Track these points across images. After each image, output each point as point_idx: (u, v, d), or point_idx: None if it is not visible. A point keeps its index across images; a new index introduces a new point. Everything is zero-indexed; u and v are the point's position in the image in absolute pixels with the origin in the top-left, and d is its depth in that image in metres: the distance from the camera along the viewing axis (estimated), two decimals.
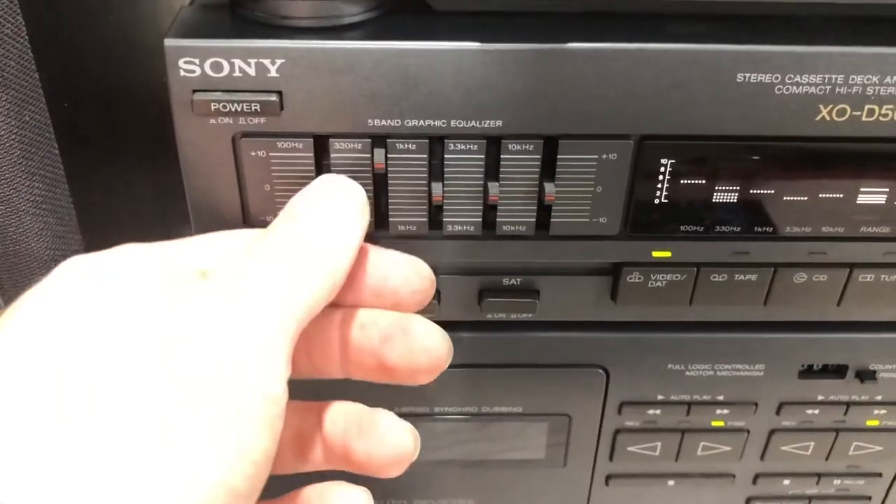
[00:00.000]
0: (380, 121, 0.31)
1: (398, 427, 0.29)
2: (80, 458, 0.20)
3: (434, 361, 0.29)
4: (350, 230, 0.28)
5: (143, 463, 0.20)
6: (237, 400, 0.22)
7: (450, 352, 0.29)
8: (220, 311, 0.24)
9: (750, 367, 0.39)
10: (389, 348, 0.29)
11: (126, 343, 0.22)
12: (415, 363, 0.29)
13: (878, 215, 0.34)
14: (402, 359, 0.29)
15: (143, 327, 0.23)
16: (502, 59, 0.30)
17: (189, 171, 0.32)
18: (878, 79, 0.31)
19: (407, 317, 0.29)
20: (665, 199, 0.33)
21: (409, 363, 0.29)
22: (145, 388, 0.22)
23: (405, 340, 0.29)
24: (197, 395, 0.22)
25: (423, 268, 0.30)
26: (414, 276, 0.30)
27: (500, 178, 0.32)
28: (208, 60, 0.29)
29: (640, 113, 0.31)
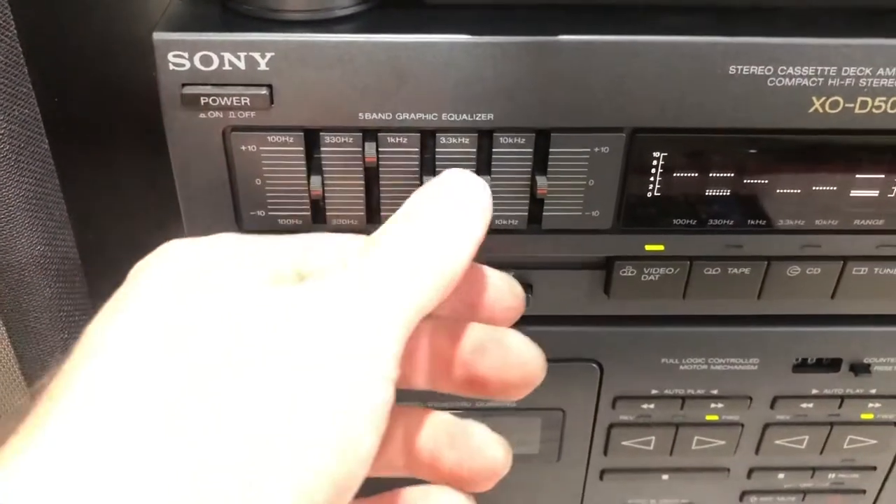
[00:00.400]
0: (371, 114, 0.31)
1: (491, 439, 0.28)
2: (197, 454, 0.20)
3: (528, 376, 0.28)
4: (469, 234, 0.26)
5: (255, 454, 0.20)
6: (348, 401, 0.22)
7: (543, 369, 0.28)
8: (332, 311, 0.23)
9: (744, 361, 0.39)
10: (481, 359, 0.28)
11: (236, 340, 0.22)
12: (507, 376, 0.28)
13: (872, 208, 0.34)
14: (495, 371, 0.28)
15: (252, 327, 0.22)
16: (493, 52, 0.30)
17: (179, 165, 0.32)
18: (871, 71, 0.30)
19: (501, 329, 0.28)
20: (657, 192, 0.33)
21: (501, 376, 0.28)
22: (257, 386, 0.21)
23: (499, 352, 0.28)
24: (310, 394, 0.21)
25: (515, 285, 0.30)
26: (508, 293, 0.30)
27: (492, 172, 0.32)
28: (198, 54, 0.29)
29: (632, 106, 0.31)
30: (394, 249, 0.25)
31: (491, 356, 0.28)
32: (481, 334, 0.28)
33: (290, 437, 0.21)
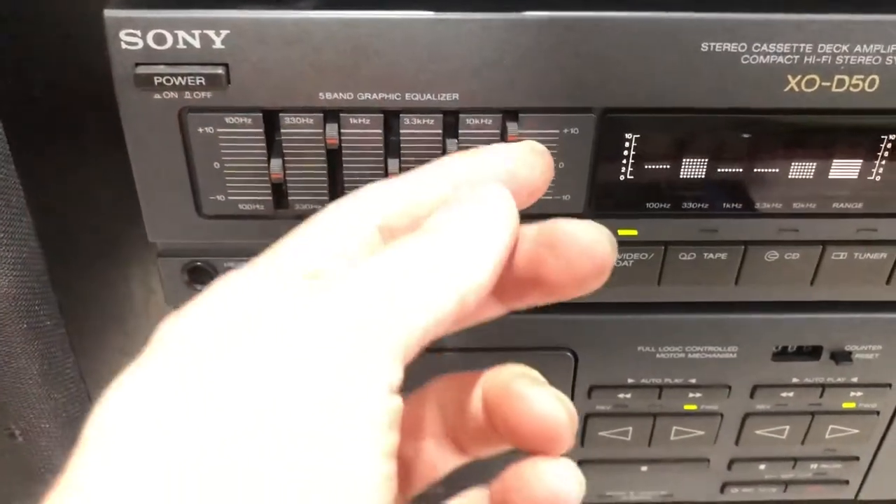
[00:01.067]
0: (332, 94, 0.30)
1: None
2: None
3: (598, 262, 0.24)
4: (490, 257, 0.23)
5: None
6: (346, 423, 0.19)
7: (613, 244, 0.24)
8: (333, 321, 0.20)
9: (722, 349, 0.38)
10: (546, 268, 0.24)
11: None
12: (579, 271, 0.24)
13: (851, 190, 0.33)
14: (565, 273, 0.24)
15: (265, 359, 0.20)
16: (457, 29, 0.29)
17: (135, 149, 0.31)
18: (848, 47, 0.29)
19: (549, 225, 0.25)
20: (630, 175, 0.32)
21: (573, 274, 0.24)
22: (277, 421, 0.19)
23: (557, 252, 0.24)
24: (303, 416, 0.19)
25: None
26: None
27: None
28: (150, 32, 0.28)
29: (602, 85, 0.30)
30: (402, 259, 0.22)
31: (551, 264, 0.24)
32: (529, 244, 0.25)
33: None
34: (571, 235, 0.24)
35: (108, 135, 0.33)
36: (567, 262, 0.24)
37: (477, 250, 0.23)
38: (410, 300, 0.21)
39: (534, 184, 0.26)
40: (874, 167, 0.32)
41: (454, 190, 0.24)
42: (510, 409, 0.25)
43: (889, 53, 0.30)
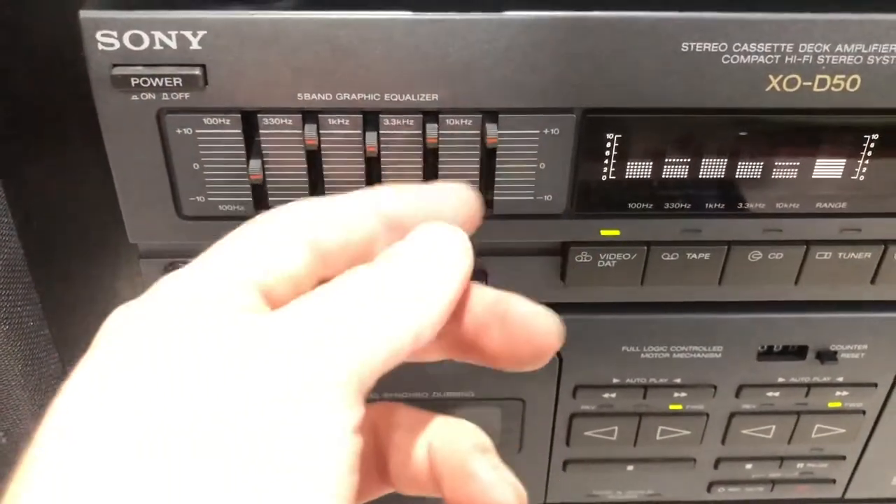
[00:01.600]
0: (310, 95, 0.29)
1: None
2: None
3: (539, 350, 0.25)
4: (447, 292, 0.23)
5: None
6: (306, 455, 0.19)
7: (559, 335, 0.25)
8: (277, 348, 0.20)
9: (707, 349, 0.38)
10: (488, 339, 0.25)
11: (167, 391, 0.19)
12: (517, 353, 0.25)
13: (835, 190, 0.33)
14: (503, 350, 0.25)
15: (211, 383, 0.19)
16: (435, 28, 0.28)
17: (114, 149, 0.31)
18: (830, 47, 0.29)
19: (506, 299, 0.25)
20: (611, 175, 0.32)
21: (510, 354, 0.25)
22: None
23: (504, 329, 0.25)
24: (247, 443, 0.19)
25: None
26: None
27: (440, 155, 0.31)
28: (127, 33, 0.28)
29: (582, 85, 0.30)
30: (359, 297, 0.22)
31: (495, 335, 0.25)
32: (482, 310, 0.25)
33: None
34: (521, 318, 0.24)
35: (88, 136, 0.33)
36: (510, 340, 0.24)
37: (435, 285, 0.23)
38: (367, 332, 0.21)
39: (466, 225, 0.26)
40: (857, 167, 0.32)
41: (384, 222, 0.24)
42: (462, 486, 0.24)
43: (870, 53, 0.29)
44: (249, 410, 0.19)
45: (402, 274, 0.23)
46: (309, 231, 0.24)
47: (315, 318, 0.21)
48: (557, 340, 0.25)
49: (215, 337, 0.20)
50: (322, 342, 0.20)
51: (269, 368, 0.19)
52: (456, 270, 0.24)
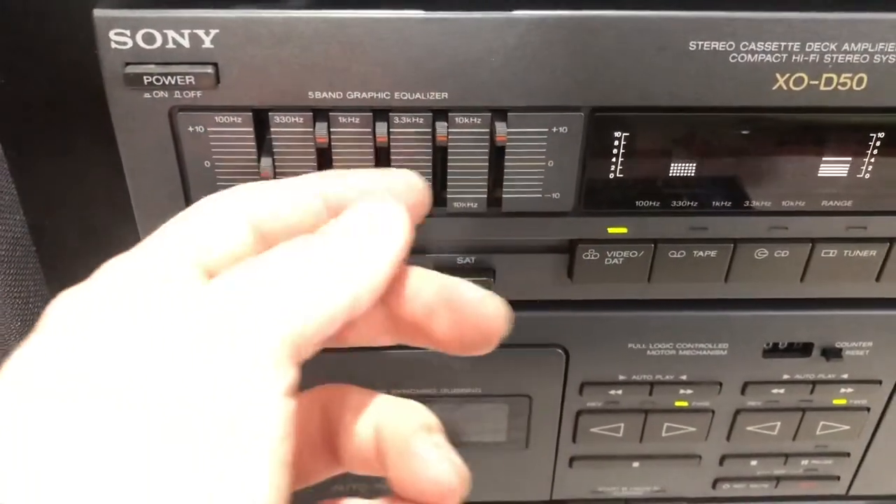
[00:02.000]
0: (321, 93, 0.30)
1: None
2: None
3: (486, 334, 0.25)
4: (384, 259, 0.24)
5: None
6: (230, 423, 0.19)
7: (506, 320, 0.25)
8: (213, 316, 0.21)
9: (713, 346, 0.38)
10: (437, 324, 0.25)
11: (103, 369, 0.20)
12: (465, 338, 0.25)
13: (840, 188, 0.33)
14: (451, 334, 0.25)
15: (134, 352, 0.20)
16: (446, 27, 0.29)
17: (126, 147, 0.31)
18: (836, 46, 0.30)
19: (453, 285, 0.25)
20: (619, 173, 0.32)
21: (458, 338, 0.25)
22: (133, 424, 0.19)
23: (452, 314, 0.25)
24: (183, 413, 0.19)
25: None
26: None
27: (449, 153, 0.31)
28: (140, 31, 0.28)
29: (590, 84, 0.30)
30: (292, 260, 0.23)
31: (442, 320, 0.25)
32: (431, 294, 0.25)
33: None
34: (468, 302, 0.25)
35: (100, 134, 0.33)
36: (458, 324, 0.25)
37: (371, 252, 0.24)
38: (299, 297, 0.21)
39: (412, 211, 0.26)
40: (863, 165, 0.32)
41: (329, 205, 0.25)
42: (405, 464, 0.25)
43: (877, 52, 0.30)
44: (182, 377, 0.19)
45: (337, 241, 0.23)
46: (251, 211, 0.24)
47: (247, 284, 0.21)
48: (503, 325, 0.25)
49: (155, 310, 0.21)
50: (252, 307, 0.21)
51: (201, 335, 0.20)
52: (393, 239, 0.24)
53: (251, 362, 0.20)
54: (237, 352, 0.20)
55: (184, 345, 0.20)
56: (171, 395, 0.19)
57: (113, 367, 0.19)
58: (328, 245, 0.23)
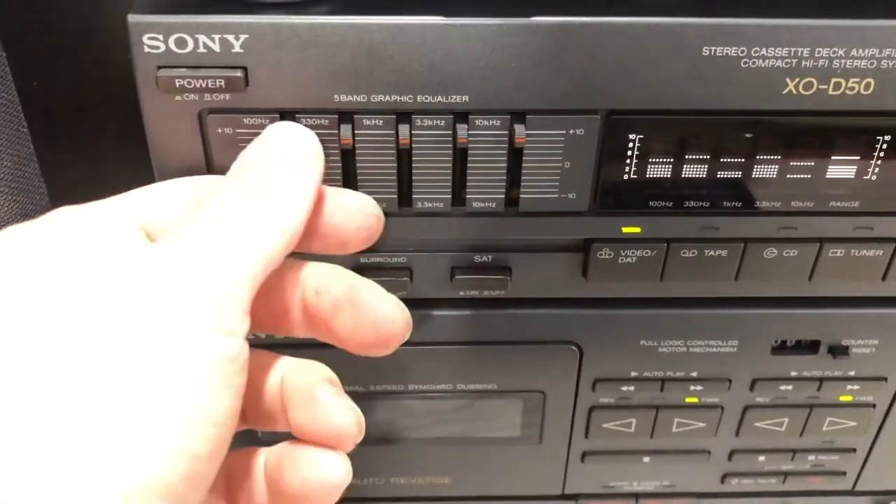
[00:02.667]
0: (346, 96, 0.31)
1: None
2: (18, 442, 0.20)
3: (383, 336, 0.27)
4: (306, 178, 0.27)
5: (86, 441, 0.20)
6: (182, 364, 0.22)
7: (406, 325, 0.27)
8: (169, 275, 0.23)
9: (723, 343, 0.39)
10: (339, 320, 0.27)
11: (43, 312, 0.22)
12: (362, 337, 0.27)
13: (848, 189, 0.34)
14: (351, 333, 0.27)
15: (67, 290, 0.22)
16: (466, 33, 0.30)
17: (156, 147, 0.32)
18: (845, 52, 0.30)
19: (359, 285, 0.27)
20: (633, 174, 0.33)
21: (356, 336, 0.27)
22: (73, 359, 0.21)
23: (353, 312, 0.27)
24: (136, 361, 0.21)
25: (368, 203, 0.30)
26: (357, 213, 0.29)
27: (469, 154, 0.32)
28: (172, 36, 0.29)
29: (606, 87, 0.31)
30: (228, 200, 0.26)
31: (346, 317, 0.27)
32: (339, 292, 0.27)
33: (122, 415, 0.21)
34: (367, 304, 0.27)
35: (130, 134, 0.35)
36: (357, 324, 0.27)
37: (294, 182, 0.27)
38: (243, 242, 0.24)
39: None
40: (870, 167, 0.33)
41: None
42: (307, 411, 0.27)
43: (884, 57, 0.31)
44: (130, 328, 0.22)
45: (259, 180, 0.26)
46: (190, 187, 0.29)
47: (191, 238, 0.24)
48: (401, 330, 0.27)
49: (101, 261, 0.23)
50: (203, 262, 0.23)
51: (149, 289, 0.23)
52: (310, 165, 0.28)
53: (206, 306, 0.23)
54: (193, 299, 0.23)
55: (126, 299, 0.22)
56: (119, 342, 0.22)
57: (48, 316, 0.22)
58: (250, 188, 0.26)
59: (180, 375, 0.22)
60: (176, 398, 0.22)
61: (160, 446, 0.21)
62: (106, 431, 0.20)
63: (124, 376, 0.21)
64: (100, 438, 0.20)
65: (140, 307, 0.22)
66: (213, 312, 0.23)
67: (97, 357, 0.21)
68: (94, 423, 0.20)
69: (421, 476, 0.44)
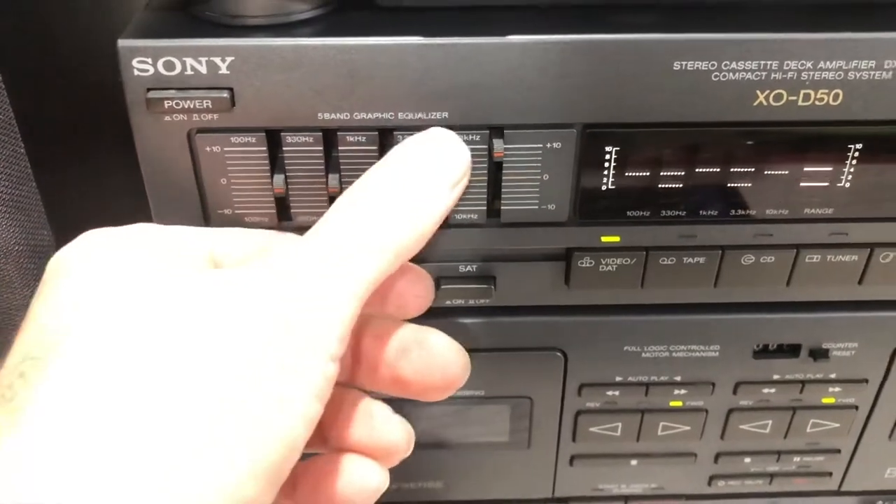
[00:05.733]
0: (329, 115, 0.32)
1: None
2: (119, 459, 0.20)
3: (449, 379, 0.29)
4: (444, 194, 0.28)
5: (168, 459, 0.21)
6: (285, 391, 0.23)
7: (466, 369, 0.29)
8: (273, 296, 0.24)
9: (705, 348, 0.40)
10: (405, 362, 0.29)
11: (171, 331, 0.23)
12: (429, 379, 0.29)
13: (822, 197, 0.35)
14: (417, 374, 0.29)
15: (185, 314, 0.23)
16: (444, 52, 0.31)
17: (148, 166, 0.33)
18: (812, 64, 0.31)
19: (425, 330, 0.29)
20: (611, 185, 0.34)
21: (423, 378, 0.29)
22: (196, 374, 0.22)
23: (421, 354, 0.29)
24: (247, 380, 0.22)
25: (424, 273, 0.31)
26: (418, 280, 0.31)
27: None
28: (161, 59, 0.30)
29: (581, 102, 0.32)
30: (334, 234, 0.26)
31: (414, 359, 0.29)
32: (405, 335, 0.29)
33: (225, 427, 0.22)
34: (437, 347, 0.29)
35: (122, 153, 0.36)
36: (424, 365, 0.29)
37: (429, 194, 0.27)
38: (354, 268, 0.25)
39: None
40: (843, 175, 0.34)
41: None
42: (365, 425, 0.29)
43: (851, 69, 0.31)
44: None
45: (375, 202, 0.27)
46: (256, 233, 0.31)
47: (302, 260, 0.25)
48: (464, 374, 0.29)
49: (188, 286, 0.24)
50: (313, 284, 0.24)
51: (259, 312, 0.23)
52: (445, 190, 0.28)
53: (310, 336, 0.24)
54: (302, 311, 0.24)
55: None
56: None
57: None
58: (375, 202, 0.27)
59: (282, 399, 0.23)
60: (274, 423, 0.22)
61: (250, 467, 0.22)
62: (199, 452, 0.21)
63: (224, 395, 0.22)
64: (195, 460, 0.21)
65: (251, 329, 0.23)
66: (323, 337, 0.24)
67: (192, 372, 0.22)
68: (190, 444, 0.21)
69: (412, 481, 0.45)
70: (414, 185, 0.27)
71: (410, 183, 0.27)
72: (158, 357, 0.22)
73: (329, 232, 0.25)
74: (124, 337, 0.22)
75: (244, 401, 0.22)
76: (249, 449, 0.22)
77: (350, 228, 0.25)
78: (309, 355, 0.23)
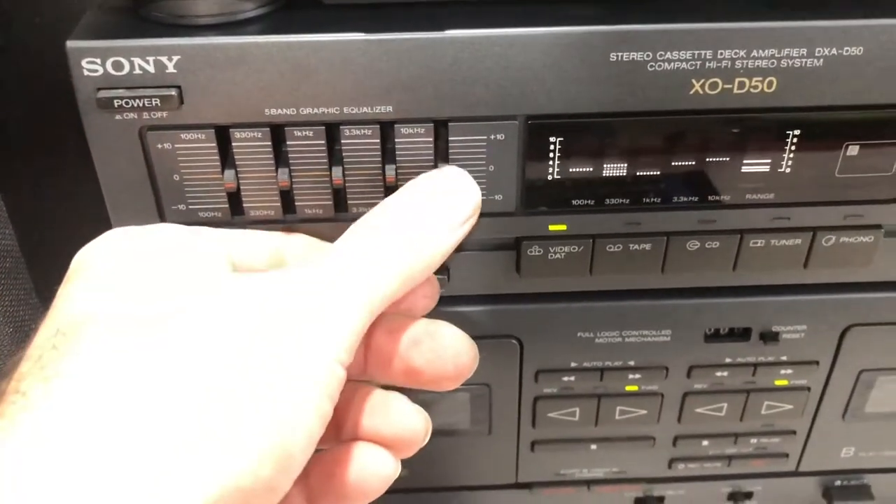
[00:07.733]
0: (276, 110, 0.32)
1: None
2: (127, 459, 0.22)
3: (461, 368, 0.31)
4: (454, 229, 0.31)
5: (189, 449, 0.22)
6: (294, 388, 0.24)
7: (475, 360, 0.31)
8: (290, 302, 0.26)
9: (657, 333, 0.41)
10: (417, 353, 0.30)
11: (196, 326, 0.24)
12: (441, 369, 0.30)
13: (762, 182, 0.36)
14: (429, 363, 0.30)
15: (210, 312, 0.25)
16: (386, 48, 0.31)
17: (101, 165, 0.34)
18: (746, 52, 0.32)
19: (435, 322, 0.31)
20: (555, 175, 0.35)
21: (436, 368, 0.30)
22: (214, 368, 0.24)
23: (433, 345, 0.30)
24: (262, 376, 0.24)
25: (431, 275, 0.32)
26: (426, 282, 0.32)
27: (397, 161, 0.34)
28: (109, 60, 0.31)
29: (523, 94, 0.33)
30: (352, 251, 0.28)
31: (425, 349, 0.30)
32: (418, 328, 0.30)
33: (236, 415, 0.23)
34: (448, 337, 0.30)
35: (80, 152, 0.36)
36: (436, 355, 0.30)
37: (441, 224, 0.30)
38: (360, 283, 0.27)
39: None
40: (782, 160, 0.35)
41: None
42: (383, 415, 0.30)
43: (783, 57, 0.32)
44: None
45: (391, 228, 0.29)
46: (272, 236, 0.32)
47: (323, 269, 0.27)
48: (473, 364, 0.31)
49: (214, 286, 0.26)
50: (330, 289, 0.26)
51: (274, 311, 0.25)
52: (460, 223, 0.31)
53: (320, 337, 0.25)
54: (313, 319, 0.26)
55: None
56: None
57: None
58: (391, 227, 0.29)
59: (292, 399, 0.24)
60: (284, 420, 0.24)
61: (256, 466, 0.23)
62: (207, 444, 0.22)
63: (237, 392, 0.23)
64: (200, 451, 0.22)
65: (263, 326, 0.25)
66: (335, 342, 0.25)
67: (209, 368, 0.24)
68: (199, 437, 0.22)
69: None
70: (424, 222, 0.30)
71: (421, 220, 0.30)
72: (164, 352, 0.24)
73: (344, 250, 0.28)
74: (137, 334, 0.24)
75: (233, 390, 0.23)
76: (254, 433, 0.23)
77: (362, 250, 0.28)
78: (311, 350, 0.25)
